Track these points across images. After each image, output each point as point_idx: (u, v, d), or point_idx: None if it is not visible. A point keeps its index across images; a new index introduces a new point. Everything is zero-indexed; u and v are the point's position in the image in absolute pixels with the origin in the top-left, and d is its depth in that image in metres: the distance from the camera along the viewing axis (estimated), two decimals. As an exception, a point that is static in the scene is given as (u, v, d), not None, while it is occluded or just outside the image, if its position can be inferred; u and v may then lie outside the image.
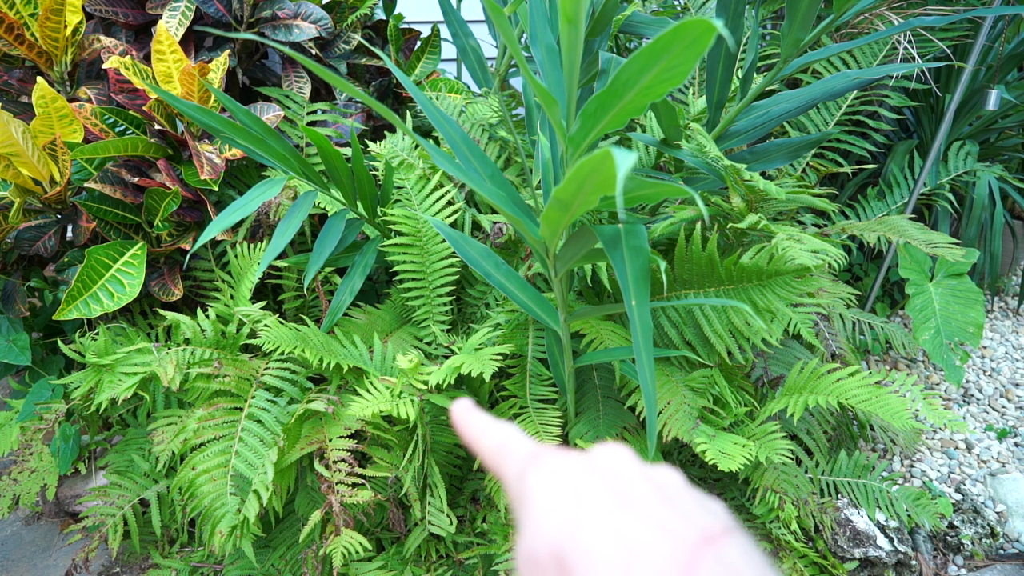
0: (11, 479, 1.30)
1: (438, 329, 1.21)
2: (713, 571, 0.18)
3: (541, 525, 0.21)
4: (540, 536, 0.21)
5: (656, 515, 0.20)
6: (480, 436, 0.27)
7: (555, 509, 0.22)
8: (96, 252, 1.12)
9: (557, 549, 0.20)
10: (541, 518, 0.22)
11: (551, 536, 0.21)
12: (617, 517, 0.20)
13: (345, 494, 1.00)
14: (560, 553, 0.20)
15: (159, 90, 0.90)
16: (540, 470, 0.23)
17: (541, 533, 0.21)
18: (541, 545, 0.21)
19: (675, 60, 0.46)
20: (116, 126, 1.17)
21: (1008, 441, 1.65)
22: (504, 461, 0.26)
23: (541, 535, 0.21)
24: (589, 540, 0.20)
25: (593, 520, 0.20)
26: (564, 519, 0.21)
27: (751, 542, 0.20)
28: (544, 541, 0.21)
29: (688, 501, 0.21)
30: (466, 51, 1.27)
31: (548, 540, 0.21)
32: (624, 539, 0.19)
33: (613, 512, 0.21)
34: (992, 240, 1.92)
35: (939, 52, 1.66)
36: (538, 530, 0.21)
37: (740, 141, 1.13)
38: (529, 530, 0.22)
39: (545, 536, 0.21)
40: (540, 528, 0.21)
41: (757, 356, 1.30)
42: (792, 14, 0.92)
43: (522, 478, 0.24)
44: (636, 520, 0.20)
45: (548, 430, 1.07)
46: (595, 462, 0.23)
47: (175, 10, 1.26)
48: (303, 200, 1.06)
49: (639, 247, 0.69)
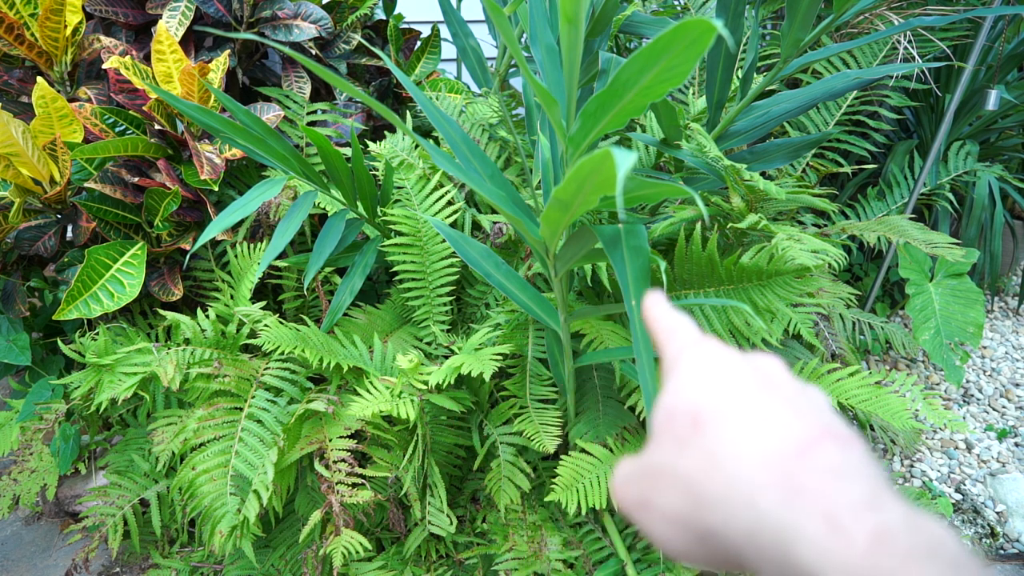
0: (11, 479, 1.30)
1: (438, 329, 1.21)
2: (832, 455, 0.19)
3: (685, 386, 0.23)
4: (681, 395, 0.23)
5: (792, 402, 0.22)
6: (660, 317, 0.29)
7: (702, 377, 0.23)
8: (96, 252, 1.12)
9: (694, 407, 0.22)
10: (687, 381, 0.24)
11: (692, 396, 0.23)
12: (755, 395, 0.22)
13: (345, 494, 1.00)
14: (696, 410, 0.22)
15: (159, 90, 0.90)
16: (700, 349, 0.25)
17: (683, 392, 0.23)
18: (682, 402, 0.23)
19: (675, 60, 0.46)
20: (116, 126, 1.17)
21: (1008, 441, 1.65)
22: (671, 338, 0.27)
23: (683, 394, 0.23)
24: (726, 404, 0.22)
25: (733, 391, 0.22)
26: (707, 385, 0.23)
27: (869, 452, 0.21)
28: (684, 399, 0.23)
29: (826, 411, 0.22)
30: (466, 51, 1.27)
31: (688, 398, 0.23)
32: (756, 410, 0.21)
33: (753, 391, 0.22)
34: (992, 240, 1.92)
35: (939, 52, 1.66)
36: (681, 389, 0.23)
37: (740, 141, 1.13)
38: (672, 388, 0.24)
39: (686, 395, 0.23)
40: (683, 388, 0.23)
41: (757, 356, 1.30)
42: (792, 14, 0.92)
43: (680, 352, 0.26)
44: (772, 400, 0.22)
45: (548, 430, 1.07)
46: (752, 359, 0.25)
47: (175, 10, 1.26)
48: (303, 200, 1.06)
49: (639, 247, 0.69)
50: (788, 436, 0.20)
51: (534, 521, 1.16)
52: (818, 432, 0.20)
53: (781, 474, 0.19)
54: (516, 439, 1.12)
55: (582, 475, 1.08)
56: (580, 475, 1.08)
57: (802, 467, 0.19)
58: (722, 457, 0.20)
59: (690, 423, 0.22)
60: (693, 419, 0.22)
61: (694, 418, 0.22)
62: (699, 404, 0.22)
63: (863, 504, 0.18)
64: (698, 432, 0.21)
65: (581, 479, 1.07)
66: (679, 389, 0.23)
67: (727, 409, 0.22)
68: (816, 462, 0.19)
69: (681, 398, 0.23)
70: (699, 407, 0.22)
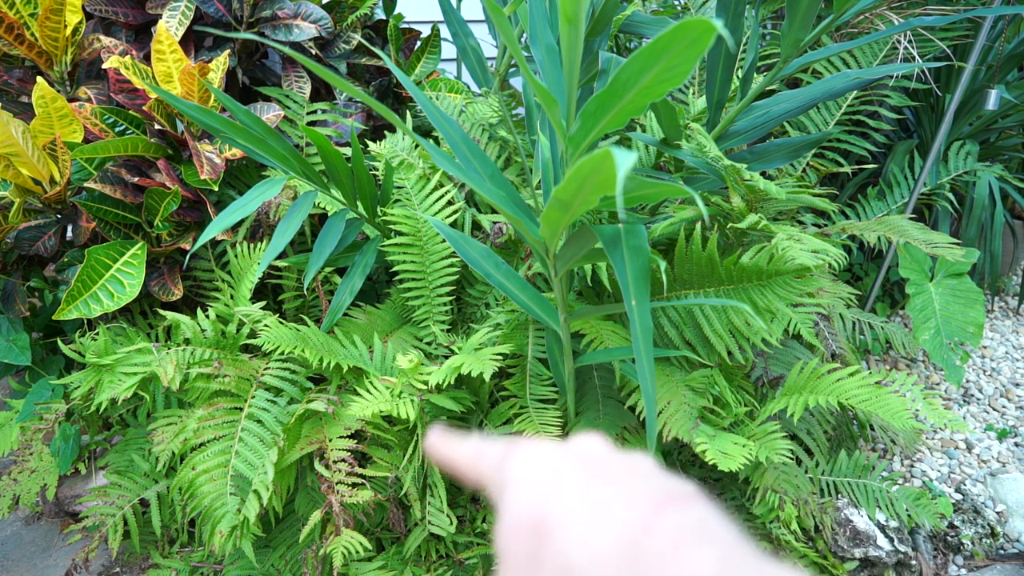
0: (11, 479, 1.30)
1: (438, 329, 1.21)
2: (676, 522, 0.19)
3: (519, 498, 0.22)
4: (518, 509, 0.22)
5: (625, 482, 0.21)
6: (453, 453, 0.28)
7: (531, 483, 0.22)
8: (96, 252, 1.12)
9: (534, 516, 0.21)
10: (519, 492, 0.22)
11: (528, 506, 0.22)
12: (588, 484, 0.21)
13: (345, 494, 1.00)
14: (536, 519, 0.21)
15: (159, 90, 0.90)
16: (517, 455, 0.24)
17: (519, 505, 0.22)
18: (519, 516, 0.22)
19: (675, 60, 0.46)
20: (116, 126, 1.17)
21: (1008, 441, 1.65)
22: (481, 462, 0.26)
23: (519, 507, 0.22)
24: (562, 503, 0.21)
25: (566, 488, 0.21)
26: (540, 489, 0.22)
27: (711, 507, 0.20)
28: (521, 512, 0.22)
29: (657, 476, 0.22)
30: (466, 51, 1.27)
31: (525, 511, 0.22)
32: (594, 500, 0.20)
33: (585, 481, 0.22)
34: (992, 240, 1.92)
35: (939, 52, 1.66)
36: (516, 503, 0.22)
37: (740, 141, 1.13)
38: (507, 505, 0.23)
39: (522, 507, 0.22)
40: (518, 501, 0.22)
41: (757, 356, 1.30)
42: (792, 14, 0.92)
43: (500, 469, 0.25)
44: (606, 485, 0.21)
45: (548, 430, 1.07)
46: (569, 446, 0.24)
47: (175, 10, 1.26)
48: (303, 200, 1.06)
49: (639, 247, 0.69)
50: (629, 519, 0.19)
51: (534, 521, 1.16)
52: (655, 502, 0.20)
53: (631, 561, 0.18)
54: (516, 439, 1.12)
55: (582, 475, 1.08)
56: (580, 475, 1.08)
57: (648, 547, 0.18)
58: (573, 562, 0.19)
59: (534, 535, 0.21)
60: (535, 530, 0.21)
61: (535, 529, 0.21)
62: (536, 513, 0.21)
63: (713, 572, 0.17)
64: (543, 543, 0.20)
65: (581, 479, 1.07)
66: (512, 504, 0.22)
67: (563, 510, 0.21)
68: (660, 536, 0.18)
69: (517, 513, 0.22)
70: (537, 516, 0.21)
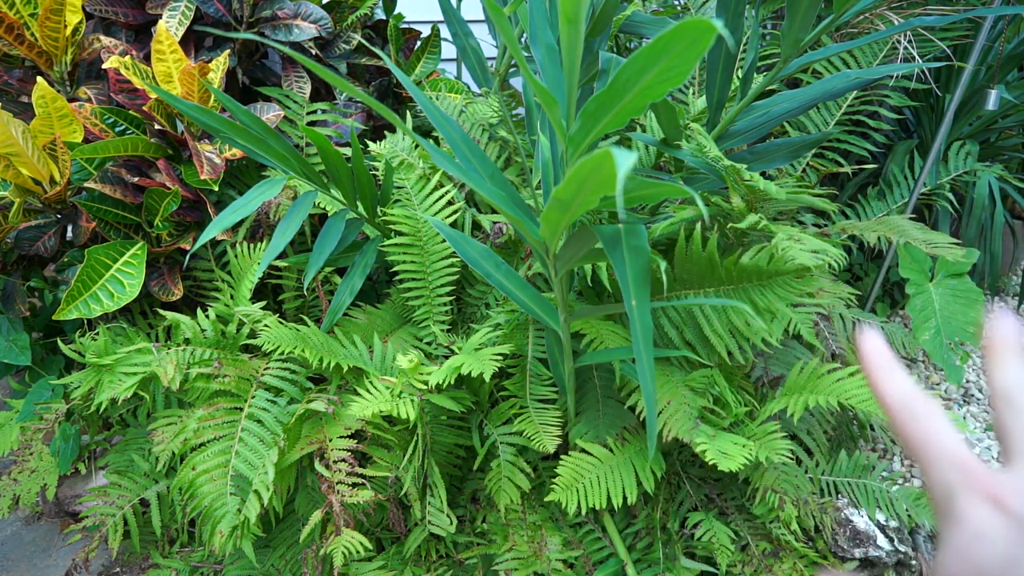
0: (11, 479, 1.30)
1: (438, 329, 1.21)
2: None
3: (971, 561, 0.21)
4: (968, 569, 0.21)
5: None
6: (890, 384, 0.26)
7: (987, 558, 0.21)
8: (96, 252, 1.12)
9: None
10: (971, 556, 0.21)
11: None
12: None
13: (345, 494, 1.00)
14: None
15: (159, 90, 0.90)
16: (979, 504, 0.22)
17: (970, 567, 0.21)
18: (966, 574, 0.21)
19: (675, 60, 0.46)
20: (116, 126, 1.17)
21: (1008, 441, 1.65)
22: (928, 449, 0.24)
23: (969, 569, 0.21)
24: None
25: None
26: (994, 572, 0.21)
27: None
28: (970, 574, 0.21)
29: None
30: (466, 51, 1.27)
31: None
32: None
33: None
34: (992, 240, 1.92)
35: (939, 52, 1.66)
36: (967, 565, 0.21)
37: (740, 141, 1.13)
38: (955, 556, 0.21)
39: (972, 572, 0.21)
40: (969, 564, 0.21)
41: (757, 356, 1.30)
42: (792, 14, 0.92)
43: (952, 496, 0.23)
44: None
45: (548, 430, 1.07)
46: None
47: (175, 10, 1.26)
48: (303, 200, 1.06)
49: (639, 247, 0.69)
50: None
51: (534, 521, 1.16)
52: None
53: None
54: (516, 439, 1.12)
55: (582, 475, 1.08)
56: (580, 475, 1.08)
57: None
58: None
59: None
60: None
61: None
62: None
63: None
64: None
65: (581, 479, 1.07)
66: (966, 563, 0.21)
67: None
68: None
69: (968, 571, 0.21)
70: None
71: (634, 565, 1.14)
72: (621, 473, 1.08)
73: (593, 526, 1.19)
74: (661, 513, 1.20)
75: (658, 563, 1.15)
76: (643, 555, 1.17)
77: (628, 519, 1.22)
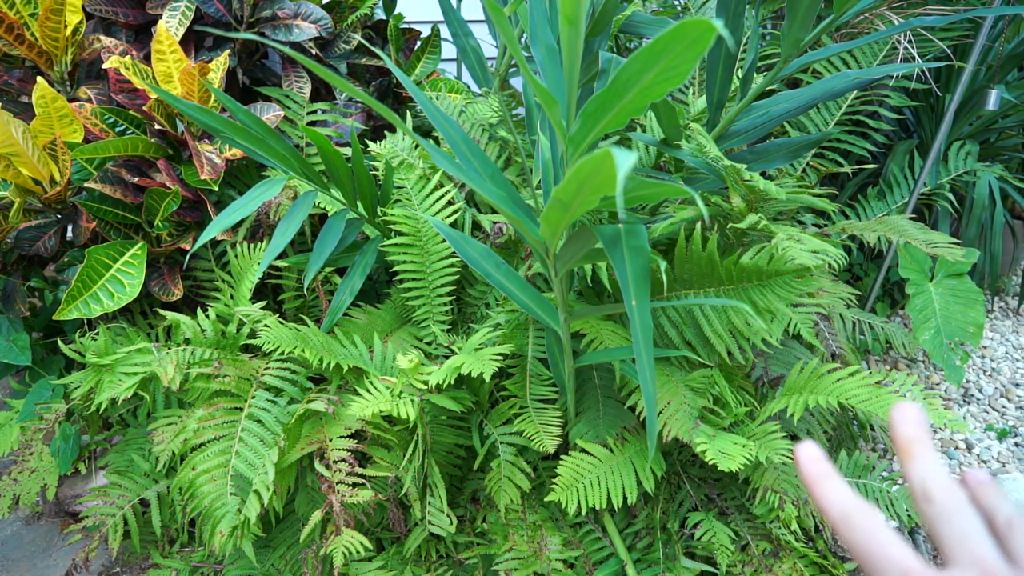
0: (11, 479, 1.30)
1: (438, 329, 1.21)
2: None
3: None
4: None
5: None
6: (828, 493, 0.26)
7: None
8: (96, 252, 1.12)
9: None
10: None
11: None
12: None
13: (345, 494, 1.00)
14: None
15: (159, 90, 0.90)
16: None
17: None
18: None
19: (675, 60, 0.46)
20: (116, 126, 1.17)
21: (1008, 441, 1.65)
22: (872, 557, 0.25)
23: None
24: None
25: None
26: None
27: None
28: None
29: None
30: (466, 51, 1.27)
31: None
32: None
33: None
34: (992, 240, 1.92)
35: (939, 52, 1.66)
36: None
37: (740, 141, 1.13)
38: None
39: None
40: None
41: (757, 356, 1.30)
42: (792, 14, 0.92)
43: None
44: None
45: (548, 430, 1.07)
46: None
47: (175, 10, 1.26)
48: (303, 200, 1.06)
49: (639, 247, 0.69)
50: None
51: (534, 521, 1.16)
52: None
53: None
54: (516, 439, 1.12)
55: (582, 475, 1.08)
56: (580, 475, 1.08)
57: None
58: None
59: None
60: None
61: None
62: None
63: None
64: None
65: (581, 479, 1.07)
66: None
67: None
68: None
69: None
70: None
71: (634, 565, 1.14)
72: (621, 473, 1.08)
73: (593, 526, 1.19)
74: (661, 513, 1.21)
75: (658, 563, 1.15)
76: (643, 555, 1.17)
77: (628, 519, 1.22)
